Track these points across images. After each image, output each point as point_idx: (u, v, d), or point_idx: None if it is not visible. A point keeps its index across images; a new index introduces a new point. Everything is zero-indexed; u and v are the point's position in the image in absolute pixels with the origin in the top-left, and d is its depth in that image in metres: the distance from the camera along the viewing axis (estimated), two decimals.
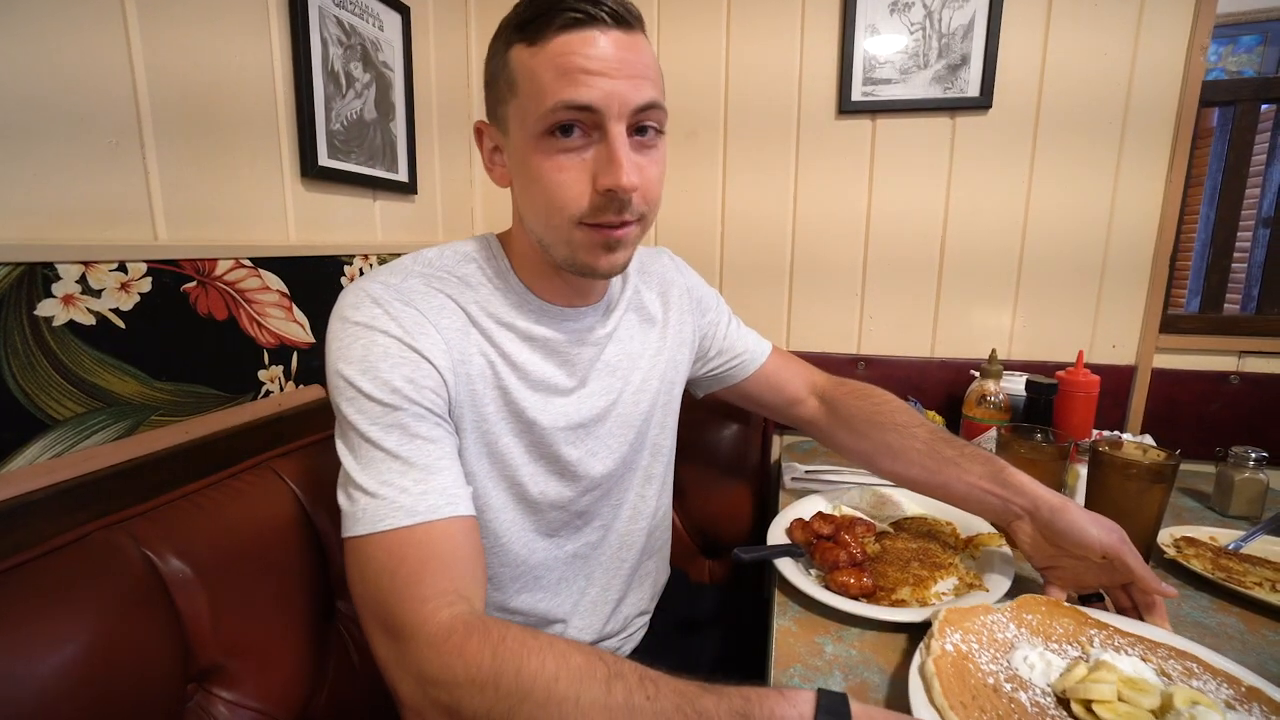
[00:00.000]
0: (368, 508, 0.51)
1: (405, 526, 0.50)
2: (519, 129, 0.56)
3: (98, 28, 0.64)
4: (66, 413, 0.62)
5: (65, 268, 0.60)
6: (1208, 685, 0.52)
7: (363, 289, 0.57)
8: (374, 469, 0.53)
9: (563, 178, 0.55)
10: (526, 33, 0.54)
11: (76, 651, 0.52)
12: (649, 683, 0.44)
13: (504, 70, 0.56)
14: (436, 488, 0.53)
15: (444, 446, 0.56)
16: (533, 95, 0.54)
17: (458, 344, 0.59)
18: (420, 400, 0.55)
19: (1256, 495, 0.92)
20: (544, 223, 0.58)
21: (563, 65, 0.52)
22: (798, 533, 0.79)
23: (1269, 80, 1.35)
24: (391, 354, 0.54)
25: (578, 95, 0.52)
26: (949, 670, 0.51)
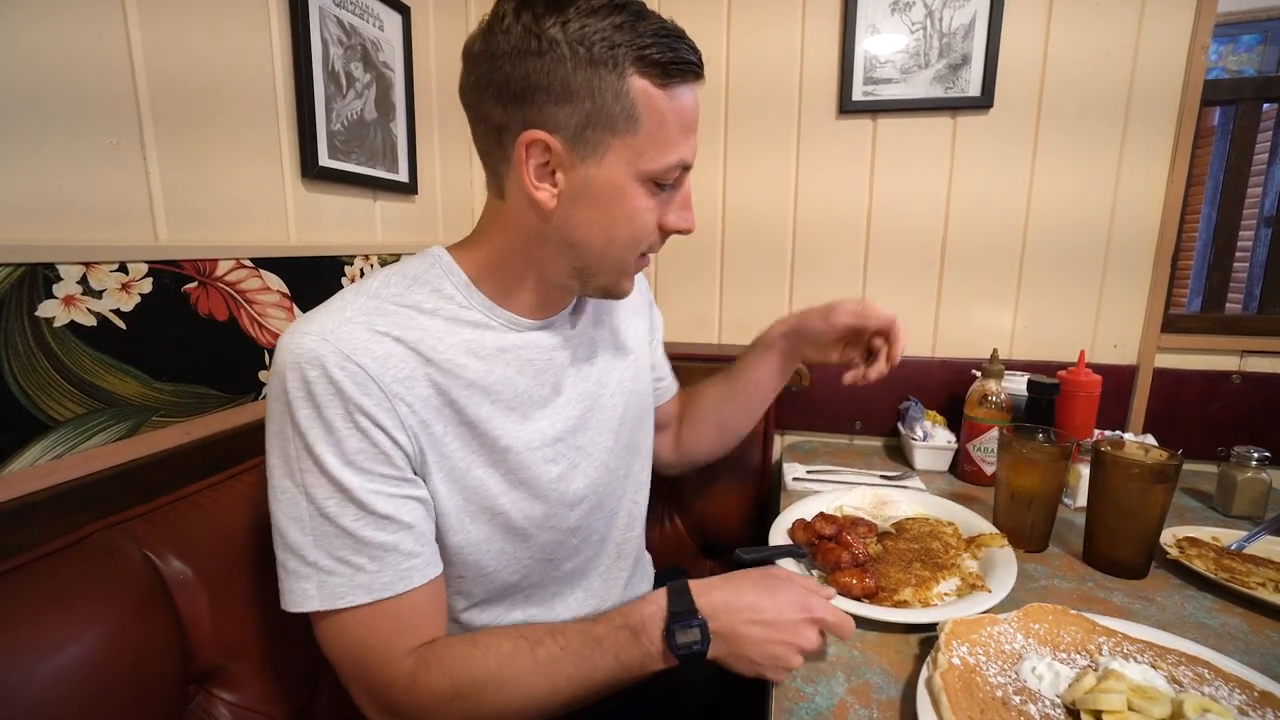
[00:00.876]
0: (324, 584, 0.52)
1: (363, 604, 0.52)
2: (624, 163, 0.54)
3: (98, 28, 0.64)
4: (67, 414, 0.62)
5: (66, 268, 0.60)
6: (1219, 691, 0.52)
7: (296, 345, 0.52)
8: (325, 544, 0.52)
9: (650, 217, 0.57)
10: (662, 73, 0.53)
11: (77, 653, 0.52)
12: (559, 635, 0.56)
13: (621, 101, 0.52)
14: (390, 564, 0.53)
15: (400, 518, 0.54)
16: (658, 141, 0.54)
17: (409, 395, 0.55)
18: (376, 474, 0.53)
19: (1259, 495, 0.92)
20: (612, 255, 0.59)
21: (685, 122, 0.55)
22: (800, 533, 0.79)
23: (1270, 79, 1.35)
24: (336, 428, 0.51)
25: (690, 156, 0.57)
26: (957, 684, 0.51)
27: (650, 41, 0.51)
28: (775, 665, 0.56)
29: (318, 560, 0.52)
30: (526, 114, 0.53)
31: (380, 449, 0.53)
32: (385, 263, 1.10)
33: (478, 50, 0.54)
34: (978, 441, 1.06)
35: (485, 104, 0.55)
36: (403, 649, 0.54)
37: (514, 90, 0.52)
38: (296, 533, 0.52)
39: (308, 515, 0.52)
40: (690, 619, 0.55)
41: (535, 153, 0.54)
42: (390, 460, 0.54)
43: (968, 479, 1.08)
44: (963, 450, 1.09)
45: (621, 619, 0.56)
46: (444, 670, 0.53)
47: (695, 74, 0.55)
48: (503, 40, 0.52)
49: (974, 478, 1.07)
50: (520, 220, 0.59)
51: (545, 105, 0.52)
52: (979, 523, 0.84)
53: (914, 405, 1.20)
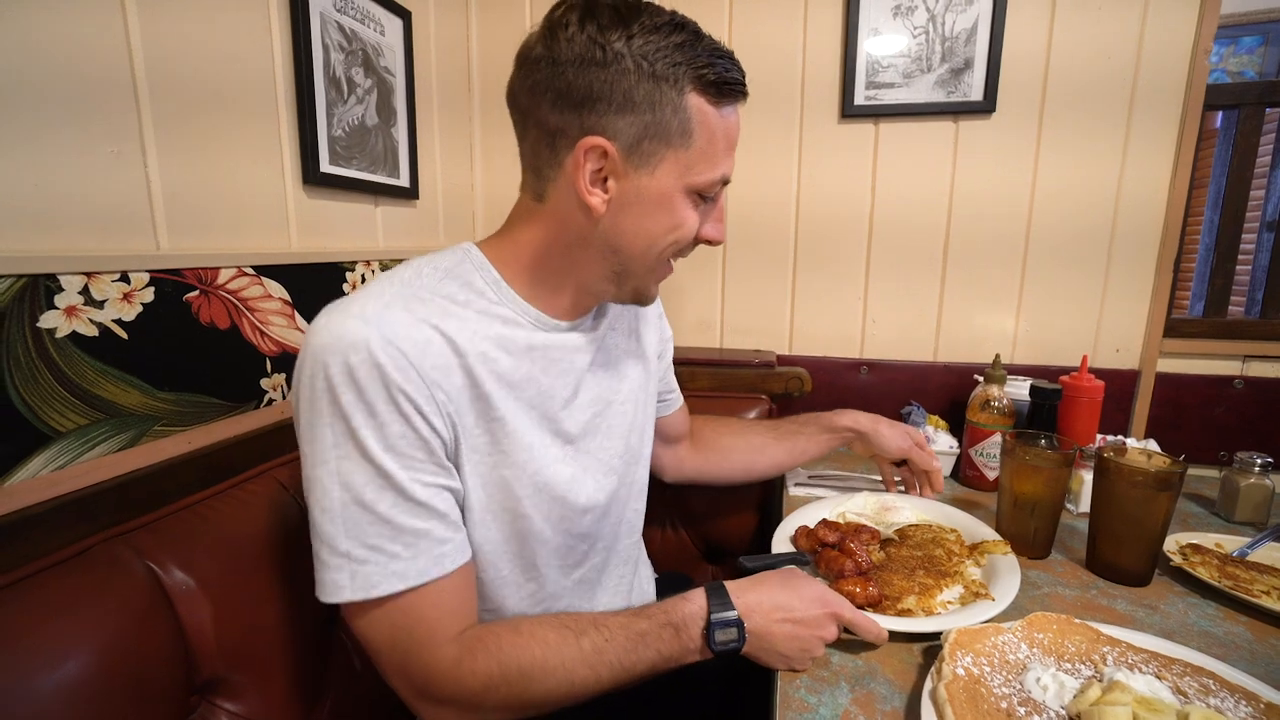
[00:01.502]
0: (357, 573, 0.51)
1: (399, 592, 0.52)
2: (675, 174, 0.57)
3: (99, 35, 0.64)
4: (69, 424, 0.61)
5: (67, 279, 0.60)
6: (1225, 703, 0.51)
7: (338, 328, 0.51)
8: (357, 532, 0.51)
9: (692, 227, 0.61)
10: (716, 92, 0.56)
11: (79, 665, 0.52)
12: (602, 627, 0.58)
13: (678, 115, 0.55)
14: (423, 550, 0.53)
15: (434, 506, 0.54)
16: (708, 156, 0.58)
17: (445, 383, 0.55)
18: (415, 459, 0.53)
19: (1262, 501, 0.92)
20: (648, 258, 0.61)
21: (730, 141, 0.59)
22: (802, 540, 0.79)
23: (1273, 84, 1.35)
24: (379, 413, 0.51)
25: (730, 172, 0.61)
26: (961, 696, 0.51)
27: (707, 61, 0.54)
28: (803, 656, 0.60)
29: (350, 550, 0.52)
30: (586, 121, 0.54)
31: (420, 435, 0.53)
32: (387, 268, 1.10)
33: (537, 55, 0.55)
34: (980, 447, 1.06)
35: (542, 108, 0.56)
36: (444, 635, 0.54)
37: (575, 97, 0.54)
38: (327, 523, 0.52)
39: (338, 505, 0.51)
40: (728, 618, 0.58)
41: (593, 158, 0.55)
42: (429, 447, 0.54)
43: (970, 484, 1.08)
44: (965, 455, 1.09)
45: (664, 616, 0.59)
46: (490, 656, 0.54)
47: (743, 95, 0.59)
48: (566, 48, 0.53)
49: (976, 483, 1.07)
50: (563, 223, 0.60)
51: (606, 114, 0.54)
52: (982, 529, 0.84)
53: (916, 410, 1.20)
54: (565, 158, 0.56)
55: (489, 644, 0.55)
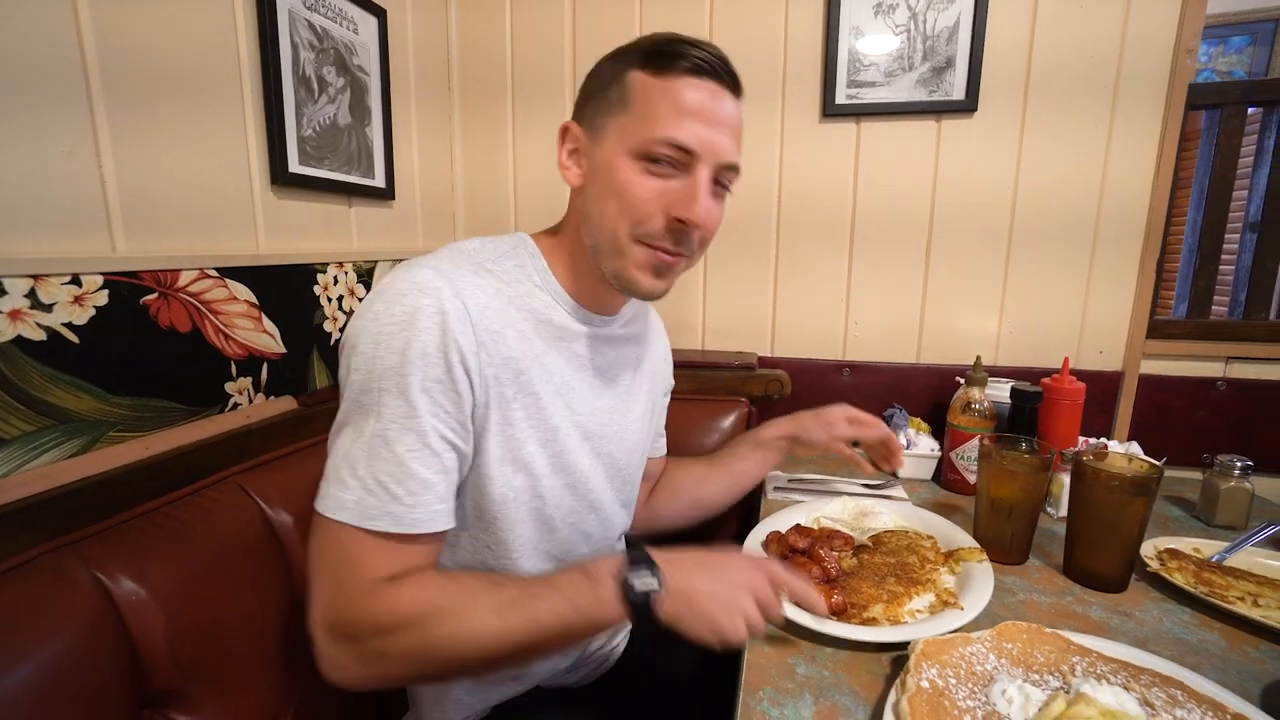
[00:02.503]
0: (362, 501, 0.53)
1: (387, 533, 0.54)
2: (616, 140, 0.60)
3: (45, 23, 0.62)
4: (14, 431, 0.60)
5: (12, 281, 0.59)
6: (1192, 714, 0.50)
7: (411, 275, 0.56)
8: (378, 462, 0.54)
9: (641, 193, 0.59)
10: (653, 62, 0.59)
11: (20, 680, 0.50)
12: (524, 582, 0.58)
13: (617, 87, 0.60)
14: (425, 502, 0.55)
15: (444, 458, 0.56)
16: (644, 118, 0.58)
17: (493, 347, 0.59)
18: (444, 409, 0.56)
19: (1241, 505, 0.91)
20: (608, 229, 0.61)
21: (680, 104, 0.58)
22: (773, 546, 0.78)
23: (1255, 83, 1.34)
24: (429, 355, 0.54)
25: (683, 137, 0.58)
26: (924, 709, 0.49)
27: (652, 42, 0.60)
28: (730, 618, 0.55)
29: (365, 477, 0.53)
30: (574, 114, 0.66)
31: (456, 386, 0.56)
32: (362, 271, 1.08)
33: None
34: (961, 450, 1.05)
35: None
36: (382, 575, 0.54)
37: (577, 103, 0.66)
38: (359, 446, 0.54)
39: (370, 433, 0.54)
40: (645, 566, 0.56)
41: (568, 139, 0.64)
42: (460, 400, 0.56)
43: (951, 488, 1.07)
44: (946, 459, 1.08)
45: (577, 567, 0.58)
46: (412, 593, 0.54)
47: (696, 67, 0.59)
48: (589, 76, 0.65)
49: (958, 486, 1.06)
50: (575, 201, 0.67)
51: (582, 106, 0.64)
52: (960, 536, 0.82)
53: (898, 412, 1.19)
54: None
55: (416, 581, 0.55)
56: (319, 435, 0.88)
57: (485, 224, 1.40)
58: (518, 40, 1.30)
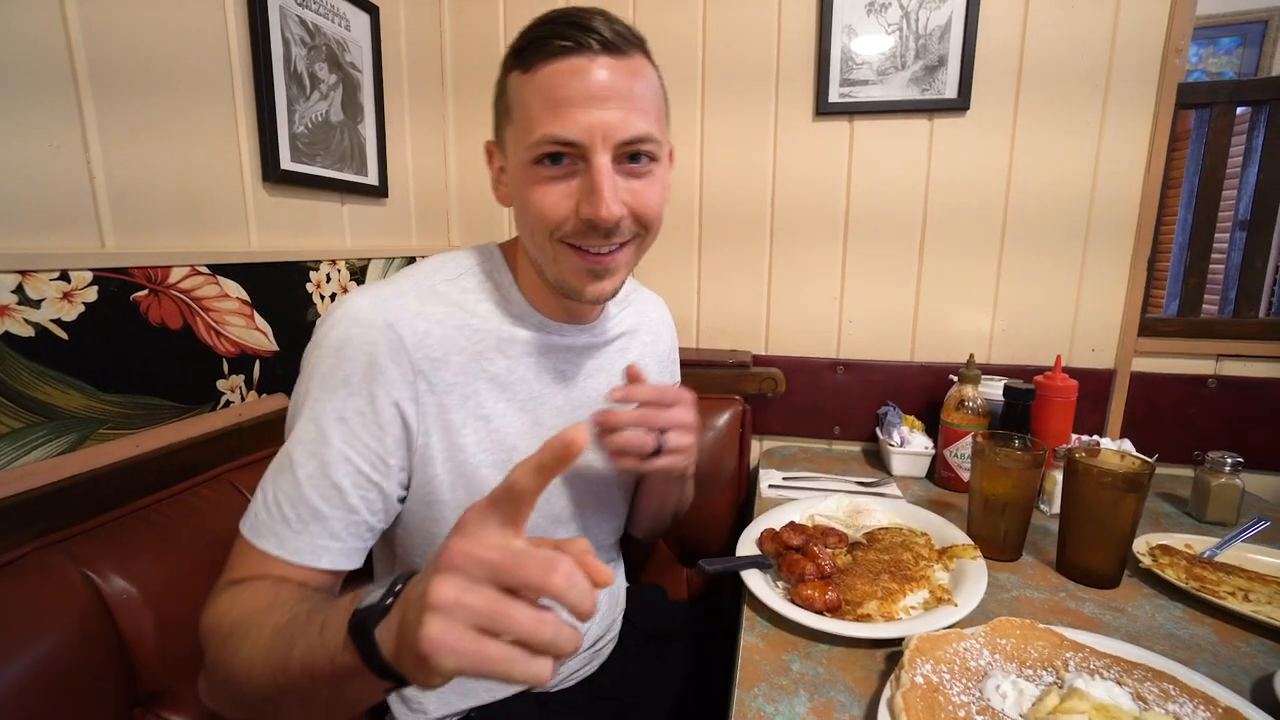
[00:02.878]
0: (258, 515, 0.53)
1: (268, 554, 0.52)
2: (514, 153, 0.58)
3: (31, 14, 0.62)
4: (2, 429, 0.59)
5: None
6: (1184, 708, 0.51)
7: (347, 305, 0.56)
8: (280, 481, 0.53)
9: (547, 200, 0.55)
10: (521, 60, 0.55)
11: (8, 679, 0.50)
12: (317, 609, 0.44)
13: (503, 96, 0.58)
14: (312, 534, 0.52)
15: (348, 494, 0.53)
16: (524, 124, 0.55)
17: (434, 376, 0.57)
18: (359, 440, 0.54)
19: (1232, 501, 0.92)
20: (533, 242, 0.59)
21: (549, 96, 0.53)
22: (768, 543, 0.78)
23: (1244, 83, 1.35)
24: (351, 385, 0.53)
25: (562, 130, 0.53)
26: (919, 705, 0.49)
27: (520, 38, 0.56)
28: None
29: (267, 491, 0.53)
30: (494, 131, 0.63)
31: (380, 419, 0.54)
32: (354, 268, 1.08)
33: None
34: (954, 447, 1.05)
35: None
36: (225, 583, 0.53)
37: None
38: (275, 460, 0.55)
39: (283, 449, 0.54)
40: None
41: (494, 159, 0.63)
42: (383, 434, 0.54)
43: (945, 485, 1.07)
44: (940, 456, 1.08)
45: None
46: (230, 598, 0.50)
47: (564, 51, 0.53)
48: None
49: (951, 484, 1.06)
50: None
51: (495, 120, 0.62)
52: (954, 533, 0.83)
53: (892, 410, 1.19)
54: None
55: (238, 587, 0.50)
56: None
57: (479, 222, 1.40)
58: (511, 37, 1.29)
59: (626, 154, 0.55)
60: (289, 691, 0.42)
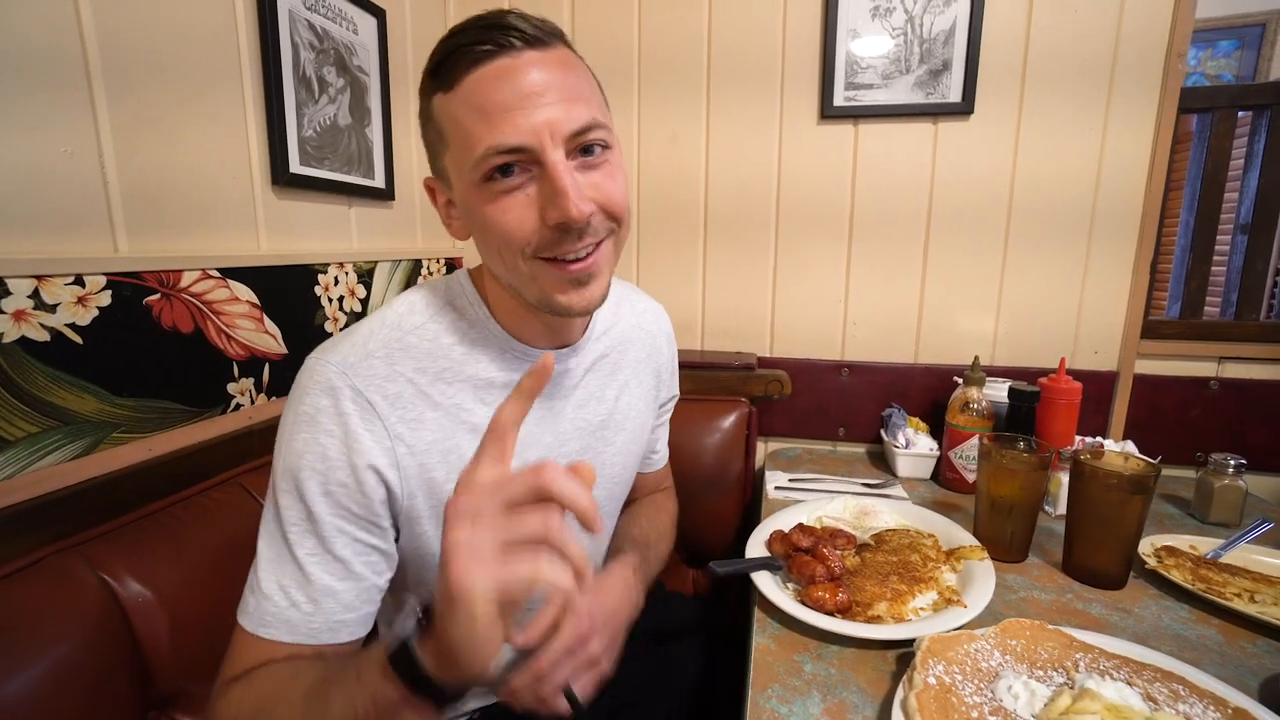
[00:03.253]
0: (259, 605, 0.51)
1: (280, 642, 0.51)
2: (459, 179, 0.53)
3: (47, 21, 0.62)
4: (18, 433, 0.59)
5: (16, 282, 0.58)
6: (1194, 709, 0.51)
7: (316, 371, 0.53)
8: (278, 567, 0.52)
9: (508, 218, 0.51)
10: (440, 78, 0.51)
11: (27, 683, 0.50)
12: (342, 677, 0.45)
13: (430, 122, 0.54)
14: (325, 610, 0.52)
15: (352, 567, 0.53)
16: (461, 143, 0.51)
17: (412, 437, 0.55)
18: (349, 512, 0.52)
19: (1235, 502, 0.92)
20: (504, 266, 0.54)
21: (482, 106, 0.49)
22: (777, 545, 0.78)
23: (1246, 87, 1.36)
24: (330, 457, 0.51)
25: (505, 138, 0.49)
26: (932, 705, 0.50)
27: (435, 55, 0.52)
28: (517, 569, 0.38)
29: (263, 580, 0.52)
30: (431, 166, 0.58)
31: (363, 489, 0.52)
32: (362, 271, 1.08)
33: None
34: (959, 449, 1.06)
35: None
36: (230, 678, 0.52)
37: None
38: (265, 545, 0.53)
39: (274, 532, 0.52)
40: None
41: (437, 196, 0.59)
42: (369, 502, 0.53)
43: (949, 486, 1.08)
44: (944, 458, 1.09)
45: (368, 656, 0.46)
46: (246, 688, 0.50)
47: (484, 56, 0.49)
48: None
49: (956, 485, 1.07)
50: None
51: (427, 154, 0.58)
52: (960, 534, 0.83)
53: (897, 412, 1.20)
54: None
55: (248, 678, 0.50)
56: None
57: None
58: None
59: (579, 146, 0.51)
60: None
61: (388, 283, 1.16)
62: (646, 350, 0.77)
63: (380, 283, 1.14)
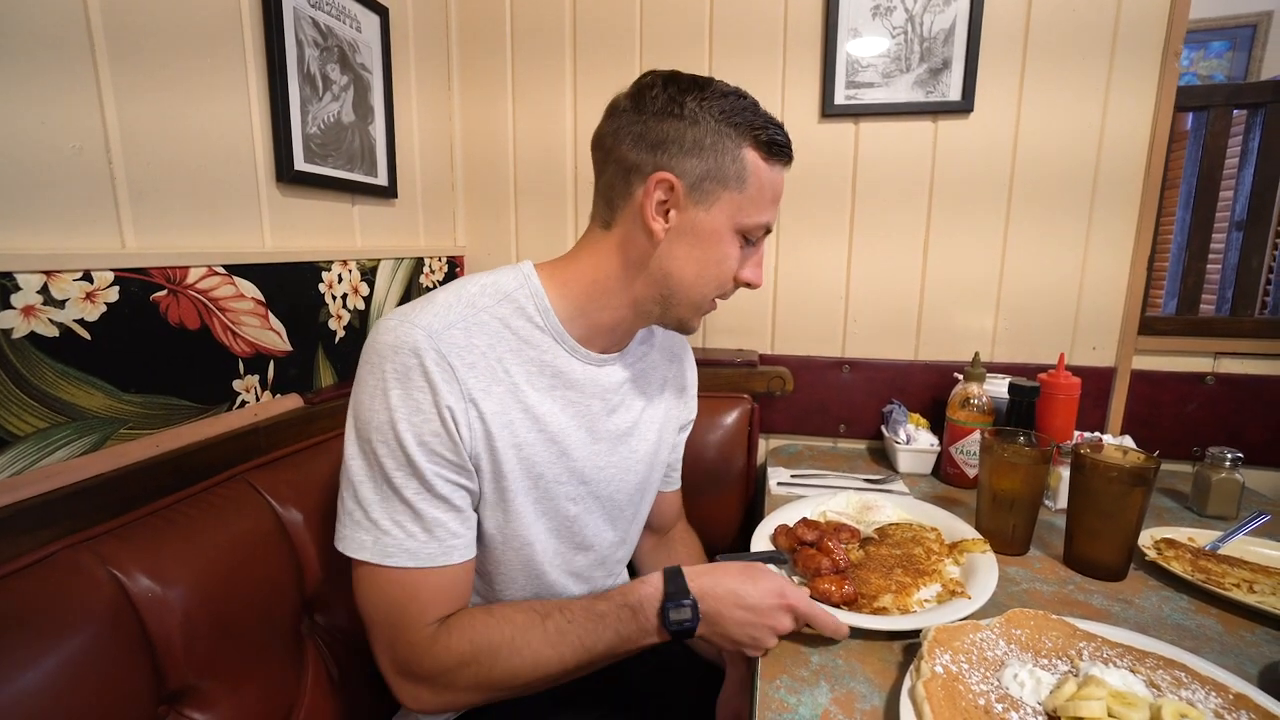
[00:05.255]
0: (379, 540, 0.58)
1: (408, 568, 0.59)
2: (725, 212, 0.63)
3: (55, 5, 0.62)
4: (28, 428, 0.59)
5: (25, 277, 0.58)
6: (1196, 694, 0.52)
7: (403, 333, 0.58)
8: (389, 506, 0.59)
9: (734, 265, 0.66)
10: (768, 151, 0.63)
11: (39, 678, 0.50)
12: (566, 609, 0.62)
13: (735, 164, 0.63)
14: (438, 538, 0.60)
15: (453, 501, 0.61)
16: (755, 203, 0.64)
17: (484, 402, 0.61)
18: (443, 458, 0.59)
19: (1233, 495, 0.94)
20: (696, 290, 0.66)
21: (776, 194, 0.66)
22: (782, 539, 0.79)
23: (1241, 86, 1.38)
24: (424, 410, 0.58)
25: (772, 221, 0.67)
26: (939, 693, 0.51)
27: (763, 125, 0.63)
28: (754, 644, 0.62)
29: (379, 519, 0.58)
30: (659, 159, 0.62)
31: (452, 437, 0.59)
32: (365, 268, 1.08)
33: (624, 107, 0.65)
34: (960, 444, 1.06)
35: (622, 147, 0.64)
36: (431, 616, 0.60)
37: (652, 140, 0.62)
38: (370, 489, 0.59)
39: (379, 478, 0.59)
40: (683, 599, 0.61)
41: (661, 190, 0.62)
42: (458, 448, 0.60)
43: (950, 482, 1.09)
44: (945, 453, 1.09)
45: (622, 598, 0.63)
46: (463, 635, 0.59)
47: (789, 158, 0.66)
48: (650, 103, 0.63)
49: (956, 480, 1.08)
50: (626, 246, 0.66)
51: (676, 155, 0.62)
52: (962, 528, 0.84)
53: (897, 408, 1.21)
54: (637, 189, 0.63)
55: (464, 623, 0.60)
56: (325, 433, 0.89)
57: (485, 225, 1.40)
58: (518, 41, 1.30)
59: None
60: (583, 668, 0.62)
61: (390, 281, 1.16)
62: (675, 370, 0.84)
63: (383, 281, 1.14)
